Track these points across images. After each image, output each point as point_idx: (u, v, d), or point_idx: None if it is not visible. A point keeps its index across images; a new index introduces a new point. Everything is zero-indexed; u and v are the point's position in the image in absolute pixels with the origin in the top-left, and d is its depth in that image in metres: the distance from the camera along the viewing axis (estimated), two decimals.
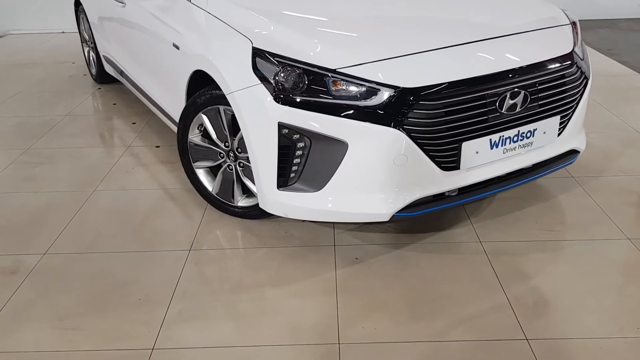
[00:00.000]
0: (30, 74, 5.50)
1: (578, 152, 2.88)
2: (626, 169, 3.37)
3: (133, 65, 3.88)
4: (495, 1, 3.05)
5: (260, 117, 2.41)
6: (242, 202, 2.88)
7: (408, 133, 2.28)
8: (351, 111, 2.28)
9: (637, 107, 4.28)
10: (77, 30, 5.31)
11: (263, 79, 2.39)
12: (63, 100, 4.75)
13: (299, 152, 2.38)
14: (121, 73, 4.23)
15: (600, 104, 4.31)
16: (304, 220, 2.86)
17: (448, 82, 2.33)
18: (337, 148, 2.32)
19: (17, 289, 2.47)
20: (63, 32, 7.09)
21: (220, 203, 2.95)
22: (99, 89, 5.01)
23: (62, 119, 4.35)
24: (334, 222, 2.85)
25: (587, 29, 6.65)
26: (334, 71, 2.31)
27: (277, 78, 2.36)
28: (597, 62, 5.36)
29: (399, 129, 2.27)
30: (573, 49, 2.72)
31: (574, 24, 2.91)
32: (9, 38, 7.04)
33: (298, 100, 2.32)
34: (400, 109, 2.28)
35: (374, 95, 2.29)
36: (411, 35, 2.56)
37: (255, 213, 2.85)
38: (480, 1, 3.02)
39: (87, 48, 5.12)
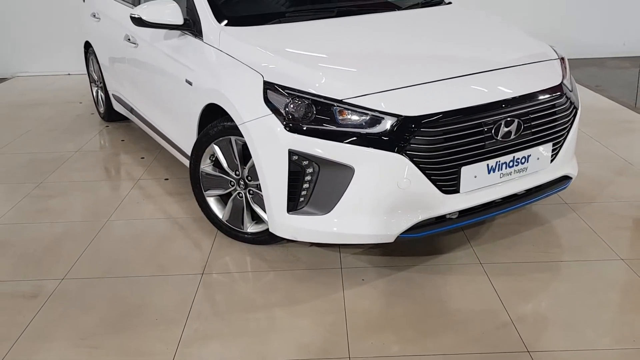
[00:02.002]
0: (39, 113, 5.67)
1: (570, 178, 3.04)
2: (617, 195, 3.52)
3: (144, 102, 4.06)
4: (489, 38, 3.26)
5: (271, 145, 2.56)
6: (251, 228, 3.01)
7: (411, 158, 2.44)
8: (357, 138, 2.45)
9: (625, 139, 4.47)
10: (83, 72, 5.52)
11: (274, 109, 2.56)
12: (72, 137, 4.91)
13: (308, 177, 2.53)
14: (131, 110, 4.41)
15: (591, 136, 4.50)
16: (311, 245, 2.99)
17: (447, 111, 2.50)
18: (344, 173, 2.47)
19: (38, 312, 2.57)
20: (69, 74, 7.31)
21: (230, 230, 3.07)
22: (107, 126, 5.18)
23: (73, 155, 4.49)
24: (340, 246, 2.98)
25: (576, 66, 6.91)
26: (340, 101, 2.48)
27: (287, 109, 2.52)
28: (586, 98, 5.57)
29: (402, 154, 2.43)
30: (562, 81, 2.91)
31: (562, 59, 3.11)
32: (17, 80, 7.25)
33: (307, 128, 2.49)
34: (402, 135, 2.44)
35: (378, 123, 2.46)
36: (412, 69, 2.74)
37: (264, 239, 2.97)
38: (475, 38, 3.23)
39: (96, 88, 5.31)
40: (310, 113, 2.50)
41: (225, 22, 3.11)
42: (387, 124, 2.45)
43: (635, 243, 3.00)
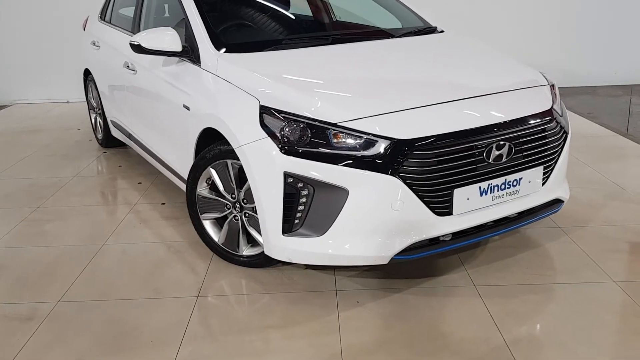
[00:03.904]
0: (38, 139, 5.72)
1: (562, 201, 3.08)
2: (610, 219, 3.56)
3: (142, 127, 4.11)
4: (481, 65, 3.33)
5: (267, 168, 2.60)
6: (246, 251, 3.03)
7: (404, 180, 2.48)
8: (351, 161, 2.49)
9: (616, 164, 4.53)
10: (82, 100, 5.60)
11: (270, 133, 2.60)
12: (70, 163, 4.95)
13: (303, 200, 2.57)
14: (129, 136, 4.46)
15: (583, 161, 4.56)
16: (306, 267, 3.01)
17: (439, 134, 2.55)
18: (338, 195, 2.51)
19: (34, 334, 2.57)
20: (68, 102, 7.39)
21: (226, 253, 3.09)
22: (105, 152, 5.23)
23: (70, 180, 4.52)
24: (335, 268, 3.00)
25: (568, 95, 7.04)
26: (335, 125, 2.53)
27: (283, 132, 2.57)
28: (578, 125, 5.67)
29: (395, 177, 2.47)
30: (552, 106, 2.97)
31: (552, 85, 3.18)
32: (16, 107, 7.32)
33: (302, 151, 2.53)
34: (396, 158, 2.48)
35: (371, 146, 2.50)
36: (405, 93, 2.80)
37: (260, 261, 2.99)
38: (467, 65, 3.30)
39: (94, 115, 5.38)
40: (306, 136, 2.55)
41: (223, 49, 3.18)
42: (381, 146, 2.50)
43: (627, 266, 3.03)
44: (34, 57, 7.39)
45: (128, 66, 4.03)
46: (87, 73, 5.26)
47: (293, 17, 4.14)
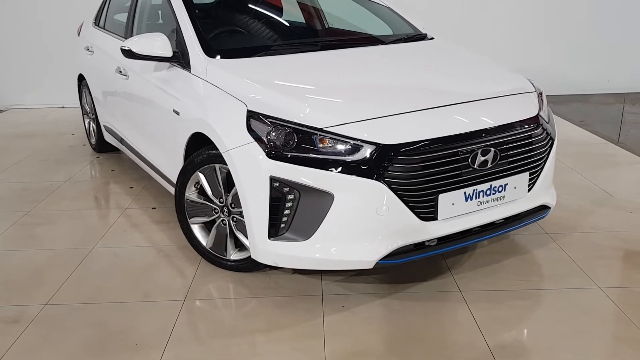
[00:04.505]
0: (32, 144, 5.74)
1: (549, 207, 3.10)
2: (597, 226, 3.58)
3: (133, 132, 4.13)
4: (468, 71, 3.36)
5: (253, 172, 2.62)
6: (234, 255, 3.04)
7: (389, 185, 2.50)
8: (336, 165, 2.51)
9: (606, 171, 4.55)
10: (77, 105, 5.61)
11: (257, 137, 2.62)
12: (63, 167, 4.97)
13: (288, 204, 2.58)
14: (121, 141, 4.48)
15: (573, 168, 4.58)
16: (293, 272, 3.03)
17: (424, 140, 2.57)
18: (323, 199, 2.53)
19: (19, 337, 2.58)
20: (63, 107, 7.41)
21: (214, 257, 3.11)
22: (98, 157, 5.24)
23: (62, 185, 4.54)
24: (322, 273, 3.01)
25: (562, 102, 7.08)
26: (321, 130, 2.56)
27: (269, 136, 2.59)
28: (570, 132, 5.70)
29: (380, 182, 2.49)
30: (538, 113, 3.00)
31: (540, 93, 3.20)
32: (12, 112, 7.34)
33: (288, 156, 2.55)
34: (381, 163, 2.50)
35: (357, 151, 2.52)
36: (391, 99, 2.83)
37: (247, 266, 3.01)
38: (455, 71, 3.33)
39: (88, 120, 5.40)
40: (292, 141, 2.57)
41: (213, 54, 3.21)
42: (366, 152, 2.52)
43: (612, 272, 3.05)
44: (30, 63, 7.41)
45: (120, 71, 4.05)
46: (81, 78, 5.29)
47: (285, 23, 4.18)
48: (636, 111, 6.77)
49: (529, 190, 2.91)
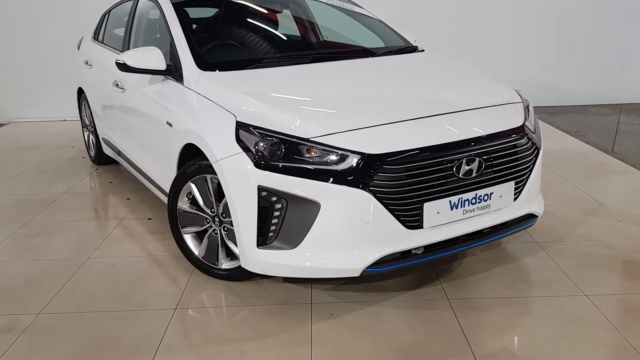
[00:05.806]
0: (32, 157, 5.82)
1: (536, 216, 3.13)
2: (587, 235, 3.61)
3: (130, 144, 4.20)
4: (456, 82, 3.42)
5: (242, 182, 2.68)
6: (226, 264, 3.09)
7: (374, 194, 2.55)
8: (323, 175, 2.56)
9: (599, 181, 4.59)
10: (78, 118, 5.70)
11: (245, 148, 2.68)
12: (62, 179, 5.04)
13: (276, 213, 2.63)
14: (118, 153, 4.54)
15: (566, 178, 4.62)
16: (283, 280, 3.07)
17: (409, 149, 2.62)
18: (310, 208, 2.57)
19: (12, 345, 2.62)
20: (64, 120, 7.50)
21: (206, 266, 3.15)
22: (97, 169, 5.31)
23: (61, 196, 4.60)
24: (312, 281, 3.05)
25: (558, 113, 7.13)
26: (307, 140, 2.61)
27: (257, 147, 2.65)
28: (565, 143, 5.74)
29: (366, 190, 2.54)
30: (524, 123, 3.04)
31: (527, 106, 3.24)
32: (13, 125, 7.44)
33: (275, 165, 2.60)
34: (367, 172, 2.55)
35: (343, 161, 2.57)
36: (378, 110, 2.88)
37: (238, 275, 3.05)
38: (443, 82, 3.39)
39: (87, 132, 5.47)
40: (279, 151, 2.62)
41: (205, 67, 3.27)
42: (352, 161, 2.57)
43: (599, 280, 3.07)
44: (31, 76, 7.52)
45: (117, 84, 4.13)
46: (80, 91, 5.37)
47: (278, 37, 4.25)
48: (631, 122, 6.81)
49: (515, 199, 2.95)
